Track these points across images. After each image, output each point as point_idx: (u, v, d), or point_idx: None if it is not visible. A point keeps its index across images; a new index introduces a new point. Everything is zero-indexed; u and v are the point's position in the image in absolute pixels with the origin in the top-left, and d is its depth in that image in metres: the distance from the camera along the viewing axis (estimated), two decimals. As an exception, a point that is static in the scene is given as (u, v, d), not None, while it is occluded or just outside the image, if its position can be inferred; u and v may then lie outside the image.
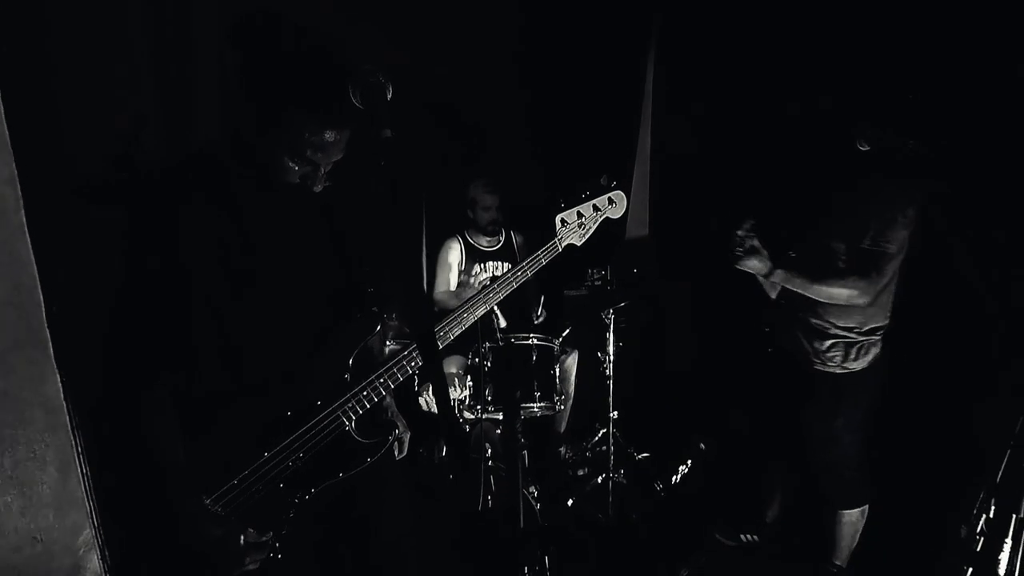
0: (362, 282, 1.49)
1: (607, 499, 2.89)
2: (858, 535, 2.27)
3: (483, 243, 3.34)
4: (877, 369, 2.16)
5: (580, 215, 1.77)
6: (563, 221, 1.75)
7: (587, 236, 1.79)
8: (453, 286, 3.27)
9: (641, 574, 2.57)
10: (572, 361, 3.28)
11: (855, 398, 2.17)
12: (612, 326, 2.95)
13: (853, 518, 2.24)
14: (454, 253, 3.29)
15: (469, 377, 2.76)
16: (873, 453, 2.24)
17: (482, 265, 3.31)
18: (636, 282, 3.08)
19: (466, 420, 2.74)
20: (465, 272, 3.30)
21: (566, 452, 3.33)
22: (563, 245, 1.74)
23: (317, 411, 1.34)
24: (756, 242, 2.14)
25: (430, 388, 2.79)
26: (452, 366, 2.97)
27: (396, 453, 1.64)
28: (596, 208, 1.80)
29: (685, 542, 2.74)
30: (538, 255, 1.68)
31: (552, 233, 1.74)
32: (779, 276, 2.14)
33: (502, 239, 3.38)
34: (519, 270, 1.62)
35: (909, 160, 2.03)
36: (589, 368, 3.29)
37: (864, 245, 2.04)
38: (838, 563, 2.29)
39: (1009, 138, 2.23)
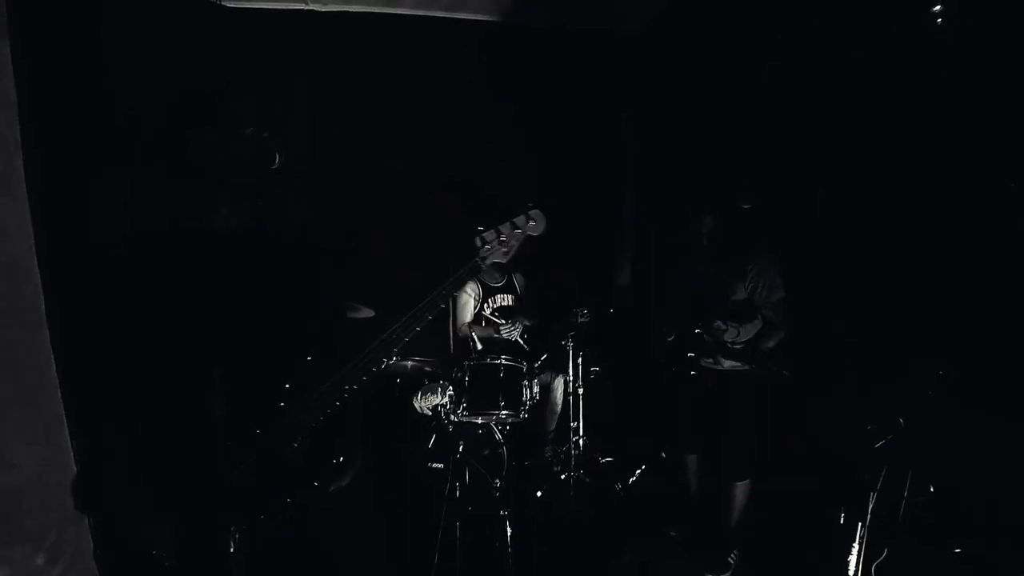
0: None
1: (569, 493, 3.55)
2: None
3: (493, 282, 4.07)
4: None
5: (499, 232, 1.96)
6: (482, 240, 1.97)
7: (511, 254, 2.01)
8: (470, 317, 3.99)
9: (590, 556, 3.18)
10: (556, 382, 3.92)
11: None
12: (571, 352, 3.59)
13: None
14: (471, 290, 4.01)
15: (450, 387, 3.43)
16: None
17: (492, 298, 4.03)
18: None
19: (449, 422, 3.43)
20: (481, 303, 4.02)
21: (548, 452, 3.96)
22: (487, 263, 1.98)
23: None
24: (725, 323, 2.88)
25: (419, 394, 3.51)
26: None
27: None
28: (515, 226, 1.97)
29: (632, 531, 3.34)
30: (460, 273, 1.95)
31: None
32: (731, 335, 2.87)
33: (504, 279, 4.10)
34: (446, 285, 1.92)
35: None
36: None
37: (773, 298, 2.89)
38: None
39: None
